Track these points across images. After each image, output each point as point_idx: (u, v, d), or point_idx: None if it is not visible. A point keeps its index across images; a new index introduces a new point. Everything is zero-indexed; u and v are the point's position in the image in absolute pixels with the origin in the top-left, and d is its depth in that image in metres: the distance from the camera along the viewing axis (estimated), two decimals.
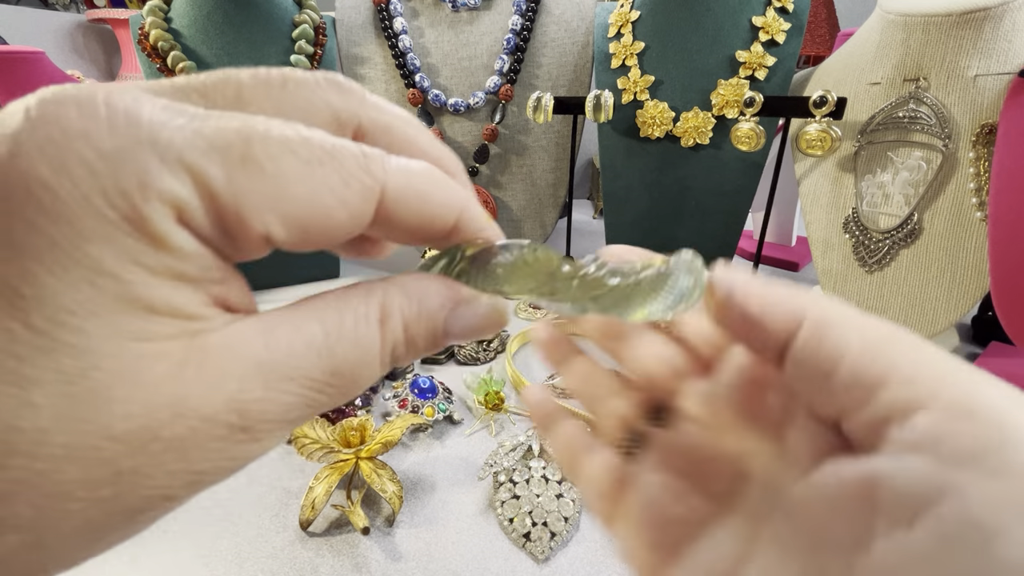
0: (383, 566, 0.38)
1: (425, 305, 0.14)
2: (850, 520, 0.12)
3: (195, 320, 0.11)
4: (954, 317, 0.56)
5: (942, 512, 0.10)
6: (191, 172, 0.10)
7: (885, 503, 0.11)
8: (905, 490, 0.11)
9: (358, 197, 0.12)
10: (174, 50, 0.71)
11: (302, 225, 0.11)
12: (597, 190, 1.29)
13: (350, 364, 0.12)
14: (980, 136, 0.53)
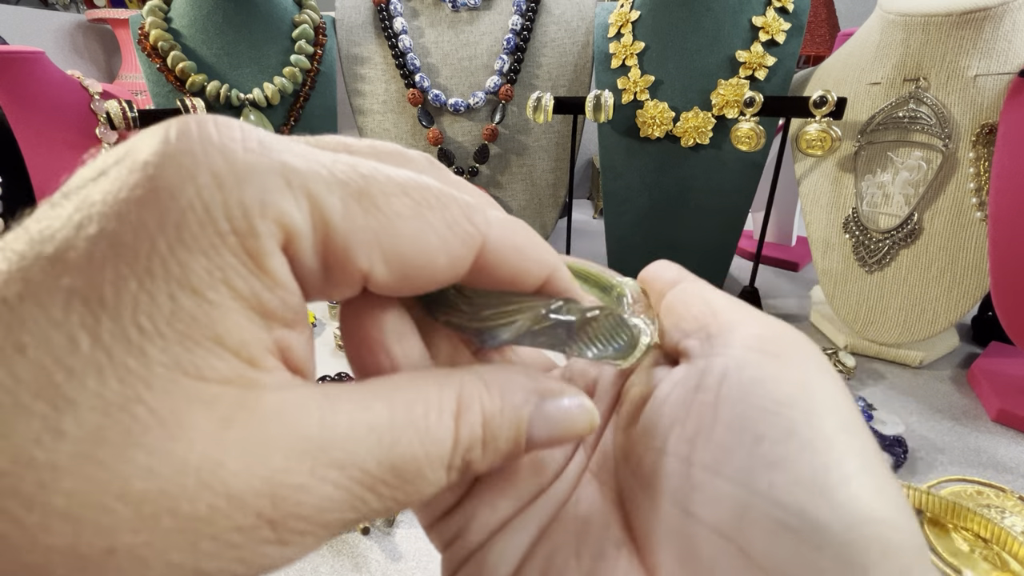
0: (383, 566, 0.38)
1: (508, 399, 0.13)
2: (682, 404, 0.14)
3: (255, 367, 0.10)
4: (954, 317, 0.56)
5: (744, 376, 0.13)
6: (311, 199, 0.10)
7: (707, 380, 0.13)
8: (724, 368, 0.13)
9: (460, 243, 0.12)
10: (174, 50, 0.71)
11: (404, 265, 0.11)
12: (597, 190, 1.29)
13: (414, 461, 0.11)
14: (980, 136, 0.53)
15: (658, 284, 0.17)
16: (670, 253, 0.86)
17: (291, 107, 0.78)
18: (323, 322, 0.75)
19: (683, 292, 0.16)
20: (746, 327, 0.14)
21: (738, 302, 0.15)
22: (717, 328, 0.14)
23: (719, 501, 0.12)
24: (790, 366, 0.13)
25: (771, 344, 0.13)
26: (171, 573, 0.08)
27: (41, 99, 0.67)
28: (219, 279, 0.09)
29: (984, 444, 0.49)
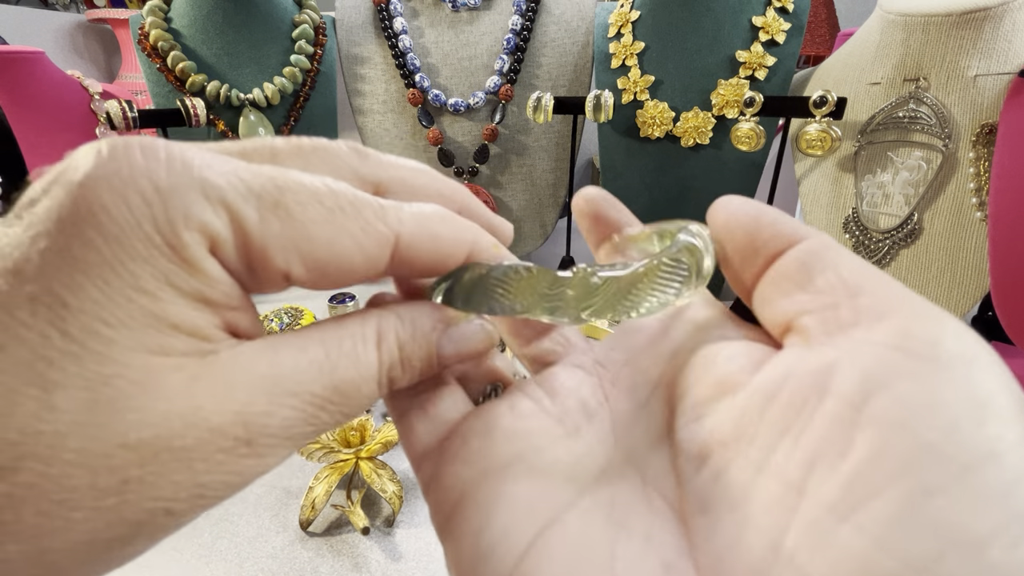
0: (383, 566, 0.38)
1: (418, 326, 0.15)
2: (788, 411, 0.11)
3: (208, 341, 0.12)
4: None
5: (907, 392, 0.10)
6: (229, 210, 0.12)
7: (840, 386, 0.11)
8: (868, 370, 0.11)
9: (374, 243, 0.13)
10: (174, 50, 0.71)
11: (320, 266, 0.13)
12: None
13: (350, 382, 0.13)
14: (980, 136, 0.53)
15: (769, 243, 0.14)
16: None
17: (291, 107, 0.78)
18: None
19: (802, 254, 0.13)
20: (896, 316, 0.11)
21: (880, 274, 0.12)
22: (852, 310, 0.12)
23: (840, 557, 0.09)
24: (965, 381, 0.10)
25: (935, 346, 0.11)
26: (177, 489, 0.11)
27: (41, 99, 0.67)
28: (164, 281, 0.11)
29: None
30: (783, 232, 0.14)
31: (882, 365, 0.11)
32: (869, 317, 0.11)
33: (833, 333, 0.12)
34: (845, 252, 0.13)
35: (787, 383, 0.12)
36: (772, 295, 0.13)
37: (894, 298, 0.12)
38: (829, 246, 0.13)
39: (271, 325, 0.69)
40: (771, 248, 0.14)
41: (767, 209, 0.14)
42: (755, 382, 0.12)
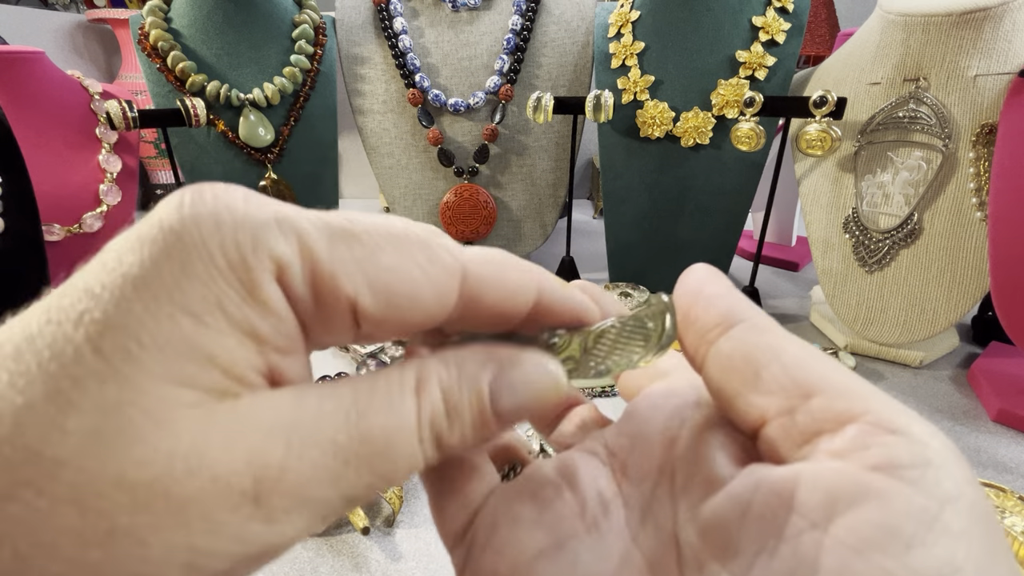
0: (383, 566, 0.38)
1: (465, 369, 0.13)
2: (762, 525, 0.12)
3: (240, 382, 0.11)
4: (954, 317, 0.56)
5: (863, 514, 0.10)
6: (299, 237, 0.11)
7: (804, 504, 0.11)
8: (828, 490, 0.11)
9: (442, 272, 0.13)
10: (174, 50, 0.71)
11: (389, 293, 0.12)
12: (597, 190, 1.29)
13: (382, 431, 0.12)
14: (980, 136, 0.53)
15: (701, 317, 0.14)
16: (670, 253, 0.87)
17: (291, 107, 0.78)
18: None
19: (741, 344, 0.13)
20: (853, 424, 0.11)
21: (824, 364, 0.13)
22: (809, 416, 0.12)
23: None
24: (921, 498, 0.10)
25: (893, 459, 0.11)
26: (168, 551, 0.09)
27: (41, 99, 0.67)
28: (215, 305, 0.10)
29: (984, 444, 0.49)
30: (716, 312, 0.14)
31: (843, 484, 0.11)
32: (826, 425, 0.12)
33: (795, 444, 0.12)
34: (782, 336, 0.13)
35: (758, 493, 0.12)
36: (725, 389, 0.14)
37: (847, 399, 0.12)
38: (765, 330, 0.13)
39: None
40: (704, 327, 0.14)
41: (711, 284, 0.15)
42: (733, 488, 0.13)
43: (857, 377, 0.12)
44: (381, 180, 0.86)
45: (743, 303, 0.14)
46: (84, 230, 0.69)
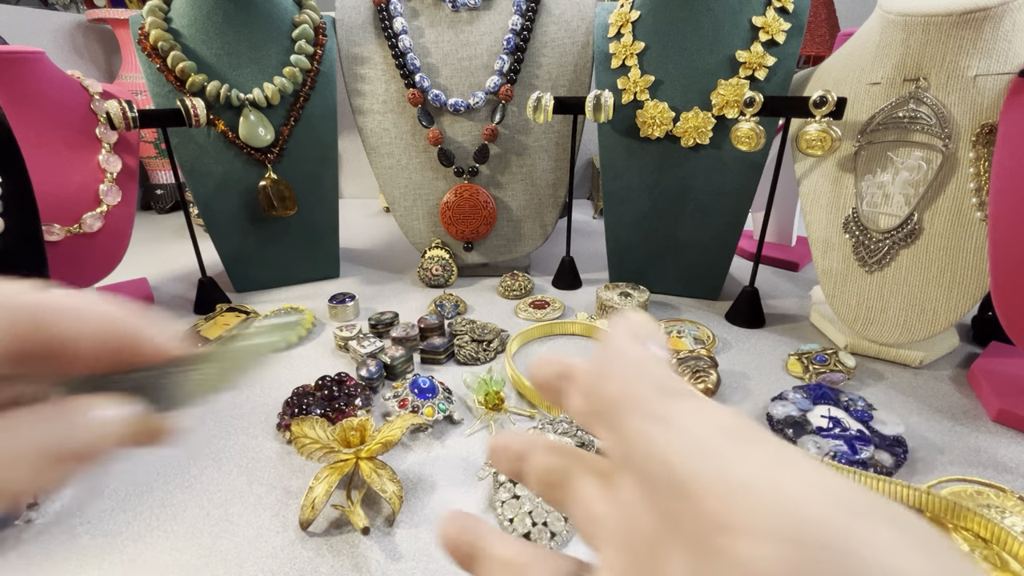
0: (383, 566, 0.38)
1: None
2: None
3: None
4: (954, 317, 0.56)
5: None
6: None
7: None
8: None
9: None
10: (174, 50, 0.71)
11: None
12: (597, 190, 1.29)
13: None
14: (980, 136, 0.53)
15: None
16: (670, 253, 0.87)
17: (291, 107, 0.78)
18: (323, 322, 0.75)
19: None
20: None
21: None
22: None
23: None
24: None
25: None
26: None
27: (41, 99, 0.67)
28: None
29: (984, 444, 0.49)
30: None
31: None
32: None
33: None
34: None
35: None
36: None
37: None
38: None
39: None
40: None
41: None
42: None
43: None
44: (381, 180, 0.86)
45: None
46: (84, 230, 0.69)
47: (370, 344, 0.63)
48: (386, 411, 0.55)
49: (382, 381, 0.59)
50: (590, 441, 0.47)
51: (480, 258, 0.90)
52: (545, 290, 0.86)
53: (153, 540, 0.40)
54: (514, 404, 0.56)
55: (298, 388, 0.54)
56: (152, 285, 0.89)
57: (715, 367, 0.58)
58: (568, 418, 0.49)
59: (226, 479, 0.46)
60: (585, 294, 0.84)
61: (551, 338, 0.70)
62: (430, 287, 0.87)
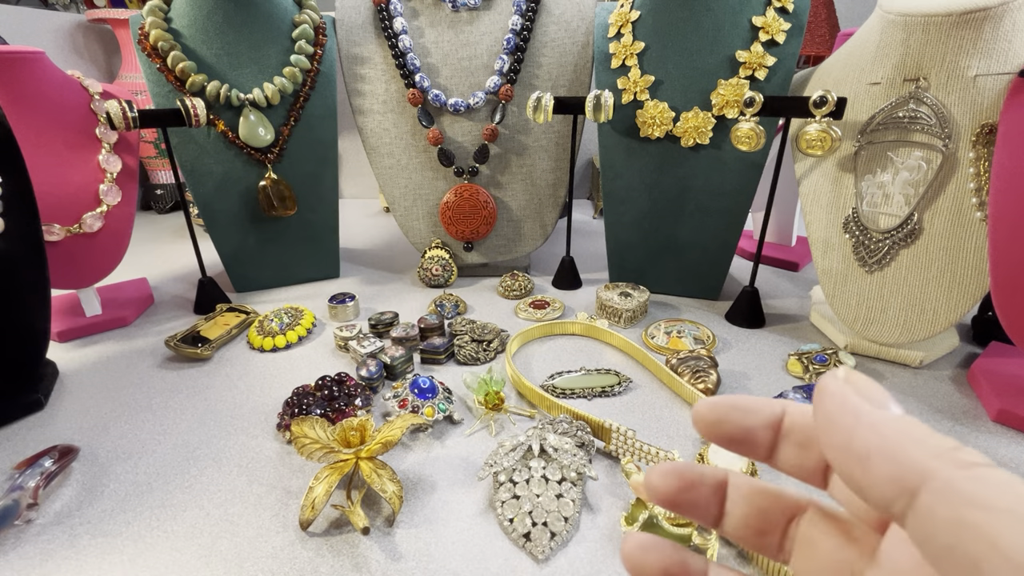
0: (383, 566, 0.38)
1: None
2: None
3: None
4: (954, 317, 0.56)
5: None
6: None
7: None
8: None
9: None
10: (174, 50, 0.71)
11: None
12: (597, 190, 1.29)
13: None
14: (980, 136, 0.53)
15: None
16: (670, 253, 0.87)
17: (291, 107, 0.78)
18: (323, 322, 0.75)
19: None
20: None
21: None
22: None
23: None
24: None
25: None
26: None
27: (41, 99, 0.67)
28: None
29: (984, 444, 0.49)
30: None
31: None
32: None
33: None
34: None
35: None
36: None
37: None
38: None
39: (271, 325, 0.69)
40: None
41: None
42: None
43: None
44: (381, 180, 0.86)
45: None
46: (84, 230, 0.69)
47: (370, 344, 0.63)
48: (386, 411, 0.55)
49: (382, 381, 0.59)
50: (590, 441, 0.47)
51: (480, 258, 0.90)
52: (545, 290, 0.86)
53: (153, 540, 0.40)
54: (514, 404, 0.56)
55: (298, 388, 0.54)
56: (152, 285, 0.89)
57: (715, 367, 0.58)
58: (568, 418, 0.49)
59: (226, 479, 0.46)
60: (585, 294, 0.84)
61: (551, 338, 0.70)
62: (430, 287, 0.87)
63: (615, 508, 0.43)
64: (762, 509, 0.16)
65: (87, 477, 0.47)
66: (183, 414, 0.55)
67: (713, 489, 0.16)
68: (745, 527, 0.16)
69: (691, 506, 0.16)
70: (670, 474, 0.16)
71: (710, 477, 0.16)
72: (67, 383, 0.61)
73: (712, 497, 0.16)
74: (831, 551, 0.14)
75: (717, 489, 0.16)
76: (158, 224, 1.26)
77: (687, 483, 0.16)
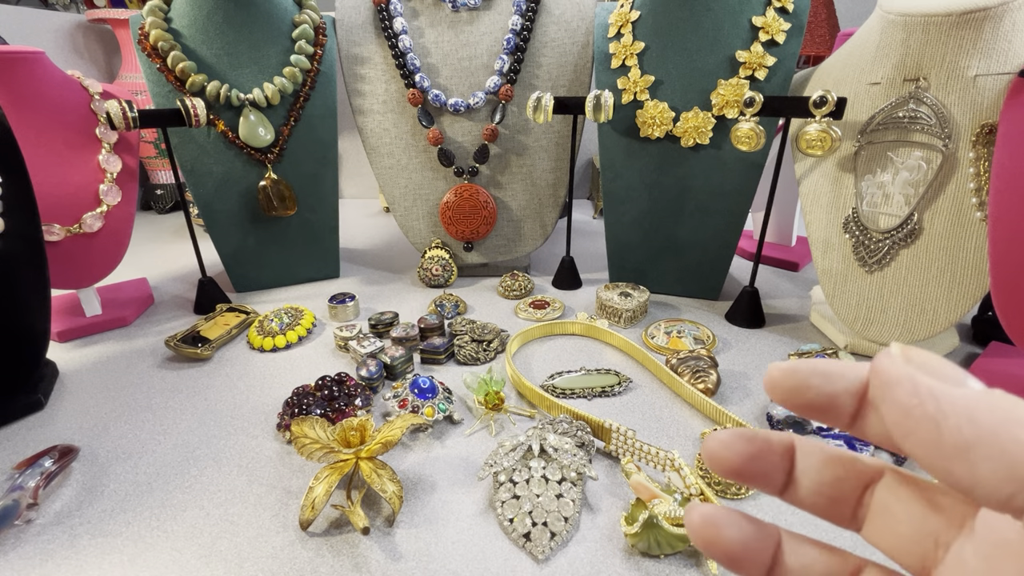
0: (383, 566, 0.38)
1: None
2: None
3: None
4: (954, 317, 0.56)
5: None
6: None
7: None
8: None
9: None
10: (174, 50, 0.71)
11: None
12: (597, 190, 1.29)
13: None
14: (980, 136, 0.53)
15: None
16: (670, 253, 0.86)
17: (291, 107, 0.78)
18: (323, 322, 0.75)
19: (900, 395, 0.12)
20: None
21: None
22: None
23: None
24: None
25: None
26: None
27: (41, 99, 0.67)
28: None
29: None
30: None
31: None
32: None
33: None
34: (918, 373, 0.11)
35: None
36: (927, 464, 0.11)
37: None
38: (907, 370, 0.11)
39: (271, 325, 0.69)
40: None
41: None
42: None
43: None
44: (381, 180, 0.86)
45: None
46: (84, 230, 0.69)
47: (370, 344, 0.63)
48: (386, 411, 0.55)
49: (382, 381, 0.59)
50: (590, 441, 0.47)
51: (480, 258, 0.90)
52: (545, 290, 0.86)
53: (153, 540, 0.40)
54: (514, 404, 0.56)
55: (298, 388, 0.54)
56: (152, 285, 0.89)
57: (715, 367, 0.58)
58: (568, 418, 0.49)
59: (226, 479, 0.46)
60: (585, 294, 0.84)
61: (551, 338, 0.70)
62: (430, 287, 0.87)
63: (615, 508, 0.43)
64: (837, 477, 0.14)
65: (87, 477, 0.47)
66: (183, 414, 0.55)
67: (781, 455, 0.15)
68: (817, 495, 0.15)
69: (758, 475, 0.14)
70: (736, 441, 0.14)
71: (777, 443, 0.15)
72: (67, 383, 0.61)
73: (780, 464, 0.15)
74: (912, 520, 0.13)
75: (785, 455, 0.15)
76: (158, 224, 1.26)
77: (755, 450, 0.14)
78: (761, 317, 0.73)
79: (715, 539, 0.14)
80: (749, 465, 0.14)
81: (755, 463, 0.14)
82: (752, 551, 0.14)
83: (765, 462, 0.14)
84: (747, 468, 0.14)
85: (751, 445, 0.14)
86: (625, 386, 0.58)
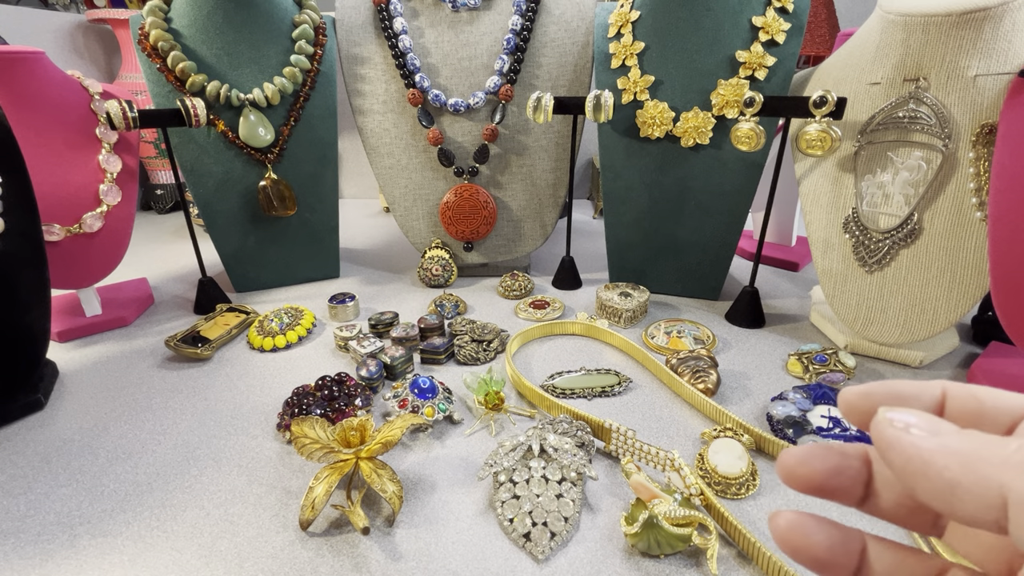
0: (383, 566, 0.38)
1: None
2: None
3: None
4: (954, 317, 0.56)
5: None
6: None
7: None
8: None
9: None
10: (174, 50, 0.71)
11: None
12: (597, 190, 1.29)
13: None
14: (980, 136, 0.53)
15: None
16: (670, 253, 0.87)
17: (291, 107, 0.78)
18: (323, 322, 0.75)
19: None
20: None
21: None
22: None
23: None
24: None
25: None
26: None
27: (41, 99, 0.67)
28: None
29: None
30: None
31: None
32: None
33: None
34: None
35: None
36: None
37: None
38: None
39: (271, 325, 0.69)
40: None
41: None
42: None
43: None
44: (381, 180, 0.86)
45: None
46: (84, 230, 0.69)
47: (370, 344, 0.63)
48: (386, 411, 0.55)
49: (382, 381, 0.59)
50: (590, 441, 0.47)
51: (480, 258, 0.90)
52: (545, 290, 0.86)
53: (153, 540, 0.40)
54: (514, 404, 0.56)
55: (298, 388, 0.54)
56: (152, 285, 0.89)
57: (715, 367, 0.58)
58: (568, 418, 0.49)
59: (226, 479, 0.46)
60: (585, 294, 0.84)
61: (551, 338, 0.70)
62: (430, 287, 0.87)
63: (615, 508, 0.43)
64: None
65: (87, 477, 0.47)
66: (183, 414, 0.55)
67: (858, 468, 0.14)
68: (899, 506, 0.14)
69: (839, 490, 0.14)
70: (813, 457, 0.14)
71: (853, 456, 0.14)
72: (67, 383, 0.61)
73: (859, 475, 0.14)
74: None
75: (863, 465, 0.14)
76: (158, 224, 1.26)
77: (835, 464, 0.14)
78: (761, 317, 0.73)
79: (803, 545, 0.14)
80: (831, 480, 0.14)
81: (836, 477, 0.14)
82: (839, 555, 0.14)
83: (845, 476, 0.14)
84: (829, 483, 0.14)
85: (829, 459, 0.14)
86: (625, 386, 0.58)
